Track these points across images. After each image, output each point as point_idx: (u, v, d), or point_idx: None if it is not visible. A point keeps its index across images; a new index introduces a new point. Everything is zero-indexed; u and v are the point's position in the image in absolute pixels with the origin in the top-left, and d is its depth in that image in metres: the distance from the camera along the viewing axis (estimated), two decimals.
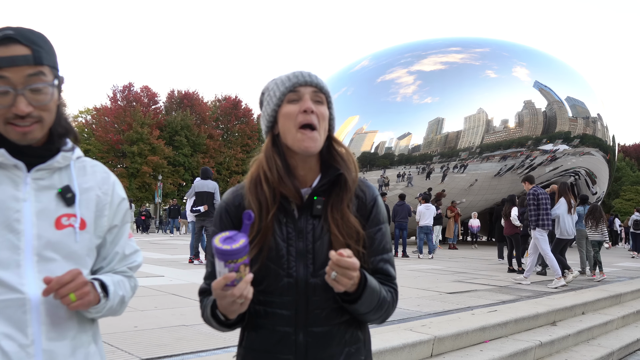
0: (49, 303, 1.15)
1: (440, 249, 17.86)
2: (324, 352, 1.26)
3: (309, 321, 1.25)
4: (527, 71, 21.71)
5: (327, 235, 1.26)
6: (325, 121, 1.28)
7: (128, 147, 44.59)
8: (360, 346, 1.32)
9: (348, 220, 1.26)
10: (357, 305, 1.21)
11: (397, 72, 21.65)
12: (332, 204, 1.27)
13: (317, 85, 1.27)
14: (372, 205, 1.32)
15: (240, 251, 1.08)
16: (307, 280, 1.24)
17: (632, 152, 64.10)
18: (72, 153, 1.26)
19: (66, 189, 1.21)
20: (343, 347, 1.28)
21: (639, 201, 49.53)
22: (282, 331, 1.25)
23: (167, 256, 11.90)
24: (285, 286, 1.24)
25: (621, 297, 7.89)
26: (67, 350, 1.18)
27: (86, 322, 1.25)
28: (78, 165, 1.27)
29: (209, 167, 11.32)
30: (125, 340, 3.90)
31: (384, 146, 20.76)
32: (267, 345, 1.26)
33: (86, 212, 1.24)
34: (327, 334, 1.26)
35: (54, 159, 1.21)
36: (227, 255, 1.08)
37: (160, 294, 6.29)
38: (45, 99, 1.15)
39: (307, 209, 1.27)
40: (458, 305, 6.06)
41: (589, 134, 22.54)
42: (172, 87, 68.95)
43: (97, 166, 1.32)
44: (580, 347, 5.65)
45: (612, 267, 13.04)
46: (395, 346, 3.93)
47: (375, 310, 1.26)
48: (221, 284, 1.10)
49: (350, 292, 1.18)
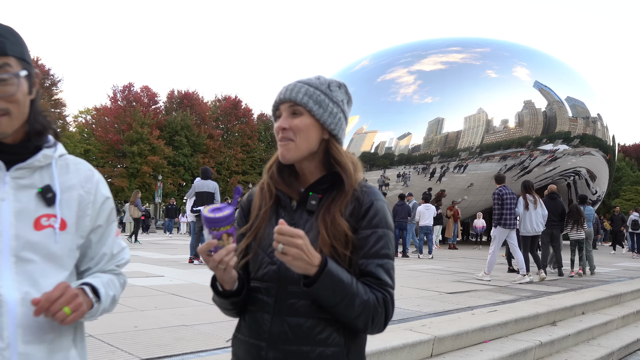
0: (26, 306, 1.12)
1: (440, 249, 17.86)
2: (294, 345, 1.26)
3: (285, 311, 1.28)
4: (528, 71, 21.71)
5: (316, 230, 1.30)
6: (304, 131, 1.33)
7: (128, 147, 44.60)
8: (338, 351, 1.28)
9: (337, 222, 1.29)
10: (316, 289, 1.20)
11: (397, 71, 21.66)
12: (325, 204, 1.32)
13: (293, 100, 1.34)
14: (368, 207, 1.33)
15: (222, 220, 1.17)
16: (287, 269, 1.27)
17: (632, 152, 64.11)
18: (54, 151, 1.22)
19: (46, 189, 1.18)
20: (316, 346, 1.26)
21: (639, 201, 49.53)
22: (260, 318, 1.31)
23: (167, 256, 11.90)
24: (269, 273, 1.32)
25: (621, 297, 7.89)
26: (43, 354, 1.15)
27: (65, 326, 1.20)
28: (60, 163, 1.24)
29: (209, 167, 11.31)
30: (125, 340, 3.90)
31: (384, 146, 20.76)
32: (247, 331, 1.34)
33: (67, 212, 1.21)
34: (300, 327, 1.27)
35: (34, 157, 1.18)
36: (210, 223, 1.17)
37: (160, 294, 6.29)
38: (11, 90, 1.12)
39: (303, 204, 1.36)
40: (458, 305, 6.06)
41: (589, 134, 22.54)
42: (172, 87, 69.04)
43: (81, 164, 1.29)
44: (580, 347, 5.65)
45: (612, 267, 13.04)
46: (395, 346, 3.93)
47: (345, 305, 1.22)
48: (204, 249, 1.19)
49: (311, 274, 1.19)
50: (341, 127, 1.39)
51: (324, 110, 1.35)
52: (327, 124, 1.35)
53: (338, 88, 1.40)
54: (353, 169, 1.36)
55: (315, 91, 1.35)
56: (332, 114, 1.36)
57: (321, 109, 1.35)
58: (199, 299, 5.90)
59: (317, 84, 1.37)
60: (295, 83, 1.37)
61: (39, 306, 1.08)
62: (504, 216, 8.82)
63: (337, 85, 1.40)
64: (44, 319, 1.13)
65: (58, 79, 43.88)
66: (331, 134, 1.37)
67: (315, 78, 1.40)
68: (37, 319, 1.13)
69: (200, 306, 5.47)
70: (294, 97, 1.34)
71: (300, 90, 1.34)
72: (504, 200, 8.83)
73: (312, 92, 1.35)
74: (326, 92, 1.37)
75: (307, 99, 1.34)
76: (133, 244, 15.96)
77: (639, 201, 49.40)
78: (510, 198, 8.87)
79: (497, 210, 8.92)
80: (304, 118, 1.34)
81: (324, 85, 1.38)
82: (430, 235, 14.69)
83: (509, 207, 8.82)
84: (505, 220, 8.81)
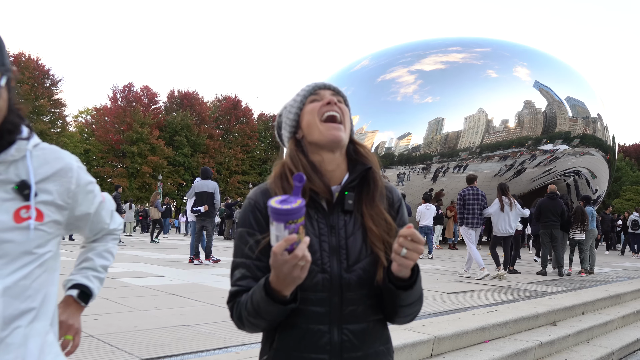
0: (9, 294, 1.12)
1: (440, 249, 17.85)
2: (359, 350, 1.25)
3: (344, 318, 1.23)
4: (528, 71, 21.69)
5: (360, 230, 1.27)
6: (347, 118, 1.33)
7: (128, 147, 44.62)
8: (390, 346, 1.33)
9: (382, 213, 1.29)
10: (412, 291, 1.21)
11: (397, 71, 21.65)
12: (365, 199, 1.30)
13: (336, 89, 1.35)
14: (399, 205, 1.37)
15: (299, 210, 1.05)
16: (341, 276, 1.23)
17: (632, 152, 64.13)
18: (27, 143, 1.20)
19: (22, 185, 1.17)
20: (377, 346, 1.28)
21: (639, 201, 49.54)
22: (316, 329, 1.22)
23: (167, 256, 11.90)
24: (319, 282, 1.22)
25: (621, 297, 7.89)
26: (18, 339, 1.13)
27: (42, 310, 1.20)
28: (37, 154, 1.22)
29: (209, 167, 11.31)
30: (125, 340, 3.90)
31: (384, 146, 20.75)
32: (299, 345, 1.23)
33: (46, 204, 1.20)
34: (362, 332, 1.25)
35: (7, 152, 1.16)
36: (288, 215, 1.04)
37: (160, 294, 6.29)
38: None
39: (338, 205, 1.28)
40: (458, 305, 6.06)
41: (589, 134, 22.53)
42: (172, 87, 69.06)
43: (59, 152, 1.27)
44: (580, 347, 5.65)
45: (612, 267, 13.04)
46: (395, 346, 3.92)
47: (417, 301, 1.27)
48: (283, 247, 1.05)
49: (405, 277, 1.19)
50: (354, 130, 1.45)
51: (349, 108, 1.39)
52: (351, 121, 1.39)
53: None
54: (376, 165, 1.37)
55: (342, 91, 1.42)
56: (351, 117, 1.41)
57: (348, 107, 1.38)
58: (199, 299, 5.91)
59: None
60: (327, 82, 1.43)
61: None
62: (465, 216, 9.23)
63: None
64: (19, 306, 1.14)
65: (58, 79, 43.92)
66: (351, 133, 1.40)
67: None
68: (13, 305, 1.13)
69: (200, 306, 5.47)
70: (335, 88, 1.37)
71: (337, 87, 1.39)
72: (465, 200, 9.25)
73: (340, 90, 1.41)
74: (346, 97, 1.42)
75: (345, 96, 1.39)
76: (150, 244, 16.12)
77: (639, 201, 49.41)
78: (473, 199, 9.22)
79: (459, 211, 9.38)
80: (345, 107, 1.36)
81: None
82: (431, 236, 14.68)
83: (470, 207, 9.20)
84: (467, 219, 9.21)
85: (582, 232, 10.85)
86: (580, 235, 10.84)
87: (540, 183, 20.81)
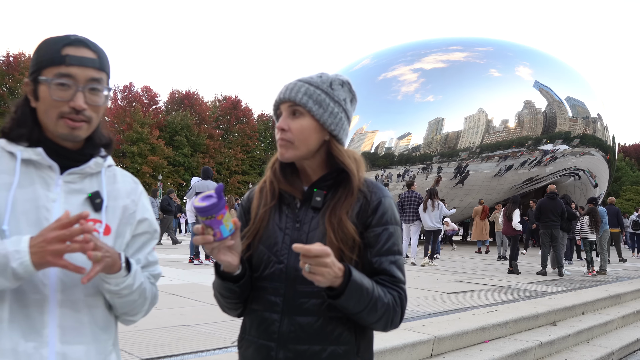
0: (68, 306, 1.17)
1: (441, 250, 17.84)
2: (304, 343, 1.25)
3: (295, 310, 1.26)
4: (530, 71, 21.68)
5: (323, 227, 1.28)
6: (303, 134, 1.30)
7: (128, 147, 44.61)
8: (349, 349, 1.27)
9: (344, 226, 1.26)
10: (342, 300, 1.17)
11: (399, 69, 21.63)
12: (331, 204, 1.29)
13: (293, 100, 1.30)
14: (377, 204, 1.31)
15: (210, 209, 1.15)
16: (296, 268, 1.23)
17: (632, 152, 64.14)
18: (104, 160, 1.30)
19: (96, 195, 1.24)
20: (327, 345, 1.25)
21: (639, 201, 49.52)
22: (268, 317, 1.28)
23: (167, 256, 11.89)
24: (276, 272, 1.29)
25: (621, 297, 7.89)
26: (81, 355, 1.18)
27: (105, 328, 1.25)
28: (109, 174, 1.31)
29: (210, 167, 11.29)
30: (125, 340, 3.89)
31: (384, 146, 20.74)
32: (257, 331, 1.30)
33: (112, 219, 1.26)
34: (311, 326, 1.25)
35: (86, 164, 1.25)
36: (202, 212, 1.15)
37: (160, 294, 6.19)
38: (99, 101, 1.23)
39: (308, 201, 1.33)
40: (458, 305, 6.06)
41: (589, 134, 22.52)
42: (173, 87, 69.08)
43: (127, 176, 1.37)
44: (580, 347, 5.65)
45: (612, 267, 13.03)
46: (395, 346, 3.92)
47: (369, 311, 1.21)
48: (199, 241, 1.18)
49: (335, 286, 1.16)
50: (342, 127, 1.35)
51: (324, 110, 1.31)
52: (328, 124, 1.31)
53: (341, 86, 1.36)
54: (356, 168, 1.34)
55: (316, 90, 1.31)
56: (332, 114, 1.32)
57: (321, 109, 1.30)
58: (199, 299, 5.90)
59: (318, 83, 1.33)
60: (296, 82, 1.33)
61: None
62: (402, 215, 11.36)
63: (339, 83, 1.36)
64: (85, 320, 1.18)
65: None
66: (332, 134, 1.33)
67: (317, 76, 1.35)
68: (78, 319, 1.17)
69: (200, 306, 5.47)
70: (294, 96, 1.30)
71: (300, 90, 1.30)
72: (403, 203, 11.53)
73: (313, 91, 1.31)
74: (327, 91, 1.32)
75: (306, 99, 1.30)
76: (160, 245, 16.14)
77: (639, 201, 49.39)
78: (408, 201, 11.51)
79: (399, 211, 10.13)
80: (304, 119, 1.30)
81: (326, 83, 1.33)
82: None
83: (407, 208, 11.46)
84: (403, 218, 11.43)
85: (594, 232, 10.94)
86: (593, 236, 10.94)
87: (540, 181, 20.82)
